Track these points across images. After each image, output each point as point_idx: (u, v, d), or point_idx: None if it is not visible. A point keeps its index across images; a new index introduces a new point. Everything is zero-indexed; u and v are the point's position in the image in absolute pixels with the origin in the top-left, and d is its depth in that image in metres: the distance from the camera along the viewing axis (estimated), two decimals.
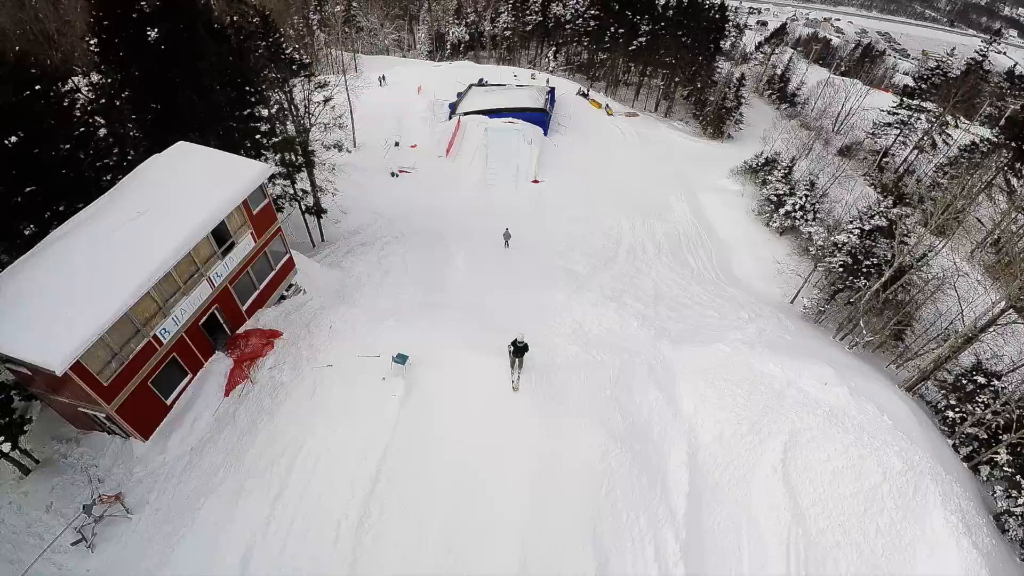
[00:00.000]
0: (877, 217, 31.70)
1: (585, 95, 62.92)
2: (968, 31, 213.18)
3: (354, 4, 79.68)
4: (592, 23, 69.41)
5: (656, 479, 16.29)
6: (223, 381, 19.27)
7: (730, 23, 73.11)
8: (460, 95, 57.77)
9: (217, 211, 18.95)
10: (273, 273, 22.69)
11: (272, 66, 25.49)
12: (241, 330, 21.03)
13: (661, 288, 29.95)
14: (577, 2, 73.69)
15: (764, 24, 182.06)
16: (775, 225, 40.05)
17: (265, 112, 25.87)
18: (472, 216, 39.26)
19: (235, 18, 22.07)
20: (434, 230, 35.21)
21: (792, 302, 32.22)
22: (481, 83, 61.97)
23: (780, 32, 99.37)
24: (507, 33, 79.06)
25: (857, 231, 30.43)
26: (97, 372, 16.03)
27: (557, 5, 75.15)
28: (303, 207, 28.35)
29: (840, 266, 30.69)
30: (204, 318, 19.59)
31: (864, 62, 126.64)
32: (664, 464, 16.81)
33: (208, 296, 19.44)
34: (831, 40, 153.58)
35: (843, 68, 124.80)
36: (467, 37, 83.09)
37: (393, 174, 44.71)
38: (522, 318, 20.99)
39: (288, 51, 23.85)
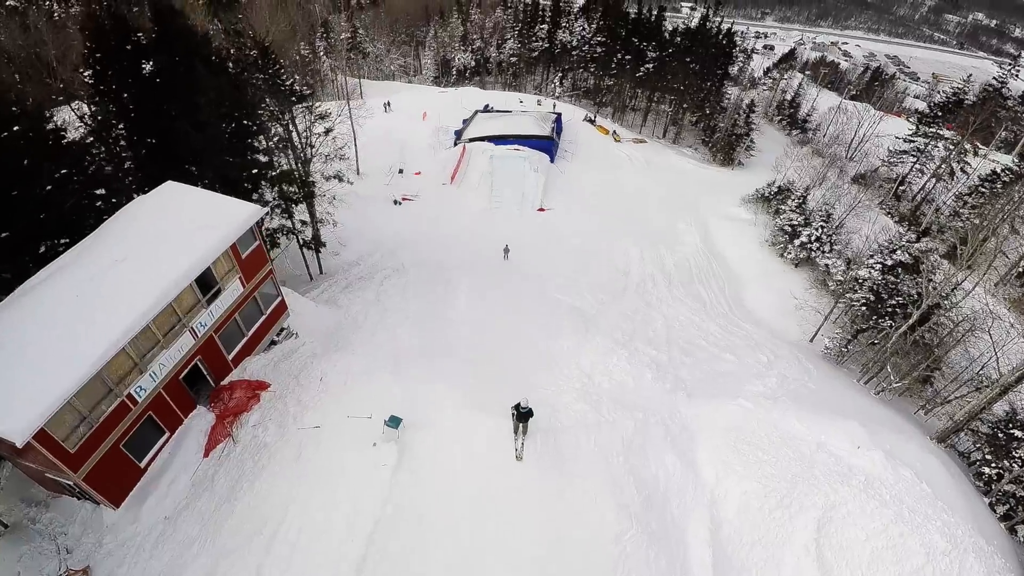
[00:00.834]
0: (900, 252, 30.24)
1: (592, 121, 62.22)
2: (978, 53, 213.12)
3: (359, 31, 79.93)
4: (599, 49, 69.15)
5: (676, 560, 14.68)
6: (203, 440, 17.88)
7: (737, 48, 72.45)
8: (465, 122, 57.24)
9: (203, 258, 17.71)
10: (263, 318, 21.43)
11: (271, 98, 24.62)
12: (226, 381, 19.70)
13: (673, 327, 28.49)
14: (583, 28, 73.63)
15: (771, 48, 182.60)
16: (790, 256, 38.63)
17: (265, 144, 25.00)
18: (476, 245, 38.40)
19: (232, 50, 21.19)
20: (437, 261, 34.14)
21: (812, 340, 30.64)
22: (487, 109, 61.50)
23: (789, 57, 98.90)
24: (513, 59, 78.95)
25: (879, 266, 28.91)
26: (63, 439, 14.70)
27: (563, 31, 75.13)
28: (301, 240, 27.24)
29: (862, 304, 29.14)
30: (185, 371, 18.28)
31: (874, 86, 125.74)
32: (684, 541, 15.19)
33: (190, 348, 18.15)
34: (839, 64, 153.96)
35: (852, 92, 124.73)
36: (473, 63, 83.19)
37: (396, 202, 43.90)
38: (527, 369, 19.58)
39: (288, 82, 22.96)
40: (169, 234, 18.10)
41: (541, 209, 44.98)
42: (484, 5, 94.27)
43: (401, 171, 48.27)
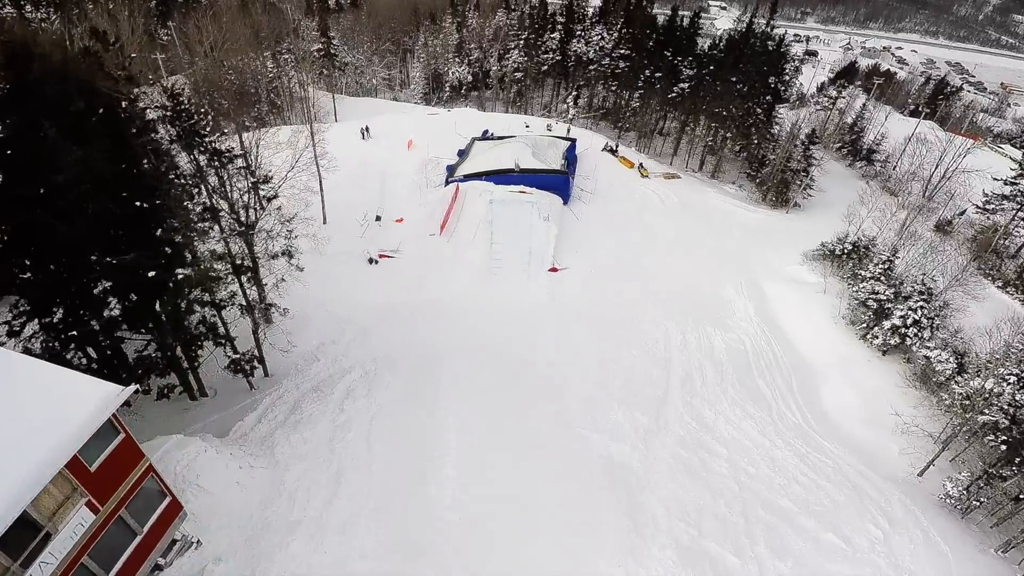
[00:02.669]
0: None
1: (614, 151, 59.34)
2: None
3: (334, 40, 77.98)
4: (622, 64, 66.71)
5: None
6: None
7: (788, 63, 70.02)
8: (462, 153, 54.22)
9: (12, 498, 12.85)
10: (137, 540, 16.69)
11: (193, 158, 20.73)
12: None
13: (742, 469, 24.45)
14: (602, 38, 71.46)
15: (814, 54, 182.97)
16: (876, 342, 34.71)
17: (186, 221, 21.19)
18: (471, 321, 35.18)
19: (127, 103, 17.71)
20: (420, 351, 30.75)
21: (921, 475, 26.42)
22: (486, 136, 58.63)
23: (849, 72, 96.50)
24: (518, 74, 76.69)
25: (1014, 379, 24.87)
26: None
27: (578, 41, 72.91)
28: (228, 357, 23.25)
29: (994, 430, 24.92)
30: None
31: (937, 100, 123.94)
32: None
33: None
34: (895, 73, 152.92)
35: (911, 107, 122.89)
36: (469, 77, 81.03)
37: (372, 260, 40.74)
38: None
39: (212, 138, 19.43)
40: None
41: (553, 269, 41.71)
42: (483, 7, 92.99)
43: (379, 218, 45.01)
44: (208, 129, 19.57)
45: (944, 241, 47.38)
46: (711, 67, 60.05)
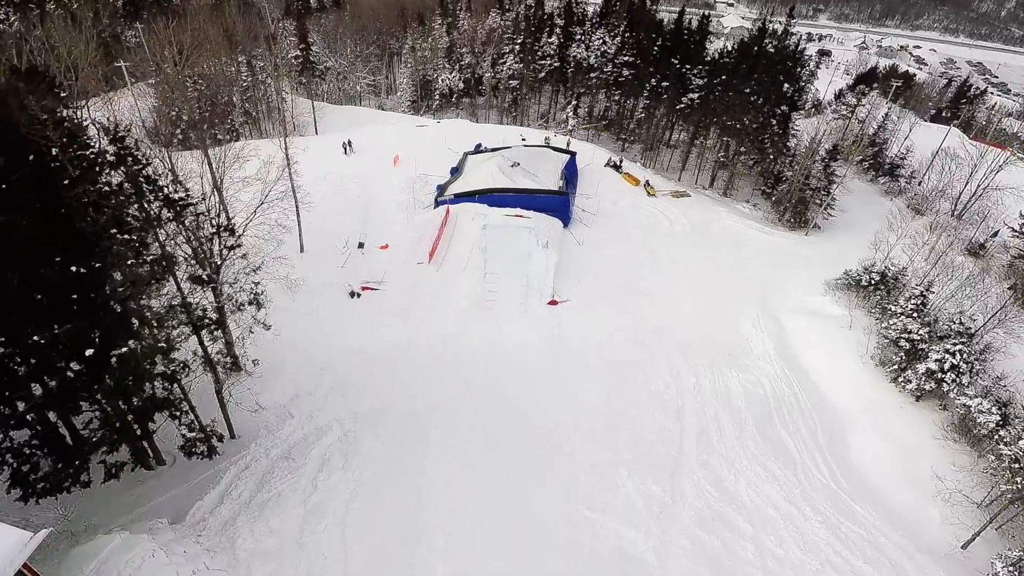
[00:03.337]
0: None
1: (617, 167, 58.52)
2: None
3: (313, 46, 77.09)
4: (625, 72, 65.95)
5: None
6: None
7: (804, 67, 69.44)
8: (454, 171, 53.22)
9: None
10: None
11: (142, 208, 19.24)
12: None
13: (769, 552, 23.26)
14: (604, 42, 70.75)
15: (827, 54, 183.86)
16: (909, 386, 33.59)
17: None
18: (463, 365, 34.09)
19: (61, 146, 16.27)
20: (405, 408, 29.68)
21: (965, 547, 25.22)
22: (479, 150, 57.71)
23: (870, 77, 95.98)
24: (513, 82, 75.84)
25: None
26: None
27: (578, 46, 72.18)
28: (183, 433, 21.79)
29: None
30: None
31: (960, 105, 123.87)
32: None
33: None
34: (914, 75, 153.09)
35: (931, 111, 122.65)
36: (461, 84, 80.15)
37: (353, 294, 39.73)
38: None
39: (164, 187, 18.00)
40: None
41: (553, 301, 40.77)
42: (475, 7, 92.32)
43: (362, 245, 43.93)
44: (161, 174, 18.27)
45: (977, 266, 46.41)
46: (723, 76, 59.23)
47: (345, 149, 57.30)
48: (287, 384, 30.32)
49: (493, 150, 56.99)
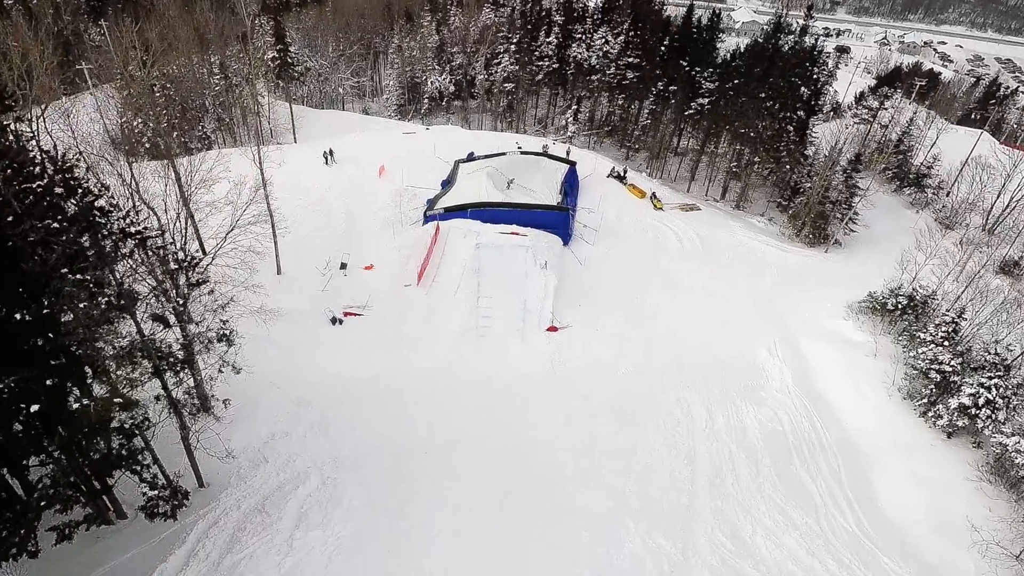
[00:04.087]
0: None
1: (621, 178, 58.60)
2: None
3: (291, 48, 77.25)
4: (629, 74, 66.17)
5: None
6: None
7: (822, 68, 69.72)
8: (445, 183, 53.19)
9: None
10: None
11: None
12: None
13: None
14: (606, 42, 71.04)
15: (846, 51, 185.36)
16: (941, 422, 33.39)
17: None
18: (454, 399, 33.89)
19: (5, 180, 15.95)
20: (391, 450, 29.30)
21: None
22: (471, 158, 57.59)
23: (894, 78, 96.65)
24: (508, 85, 76.09)
25: None
26: None
27: (578, 46, 72.48)
28: (144, 492, 21.32)
29: None
30: None
31: (989, 105, 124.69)
32: None
33: None
34: (939, 73, 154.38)
35: (958, 113, 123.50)
36: (451, 87, 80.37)
37: (335, 320, 39.63)
38: None
39: (124, 215, 17.66)
40: None
41: (552, 328, 40.74)
42: (467, 3, 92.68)
43: (344, 266, 43.68)
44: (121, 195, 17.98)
45: (1013, 289, 46.42)
46: (735, 79, 59.51)
47: (326, 159, 57.00)
48: (261, 424, 29.96)
49: (486, 158, 56.96)
